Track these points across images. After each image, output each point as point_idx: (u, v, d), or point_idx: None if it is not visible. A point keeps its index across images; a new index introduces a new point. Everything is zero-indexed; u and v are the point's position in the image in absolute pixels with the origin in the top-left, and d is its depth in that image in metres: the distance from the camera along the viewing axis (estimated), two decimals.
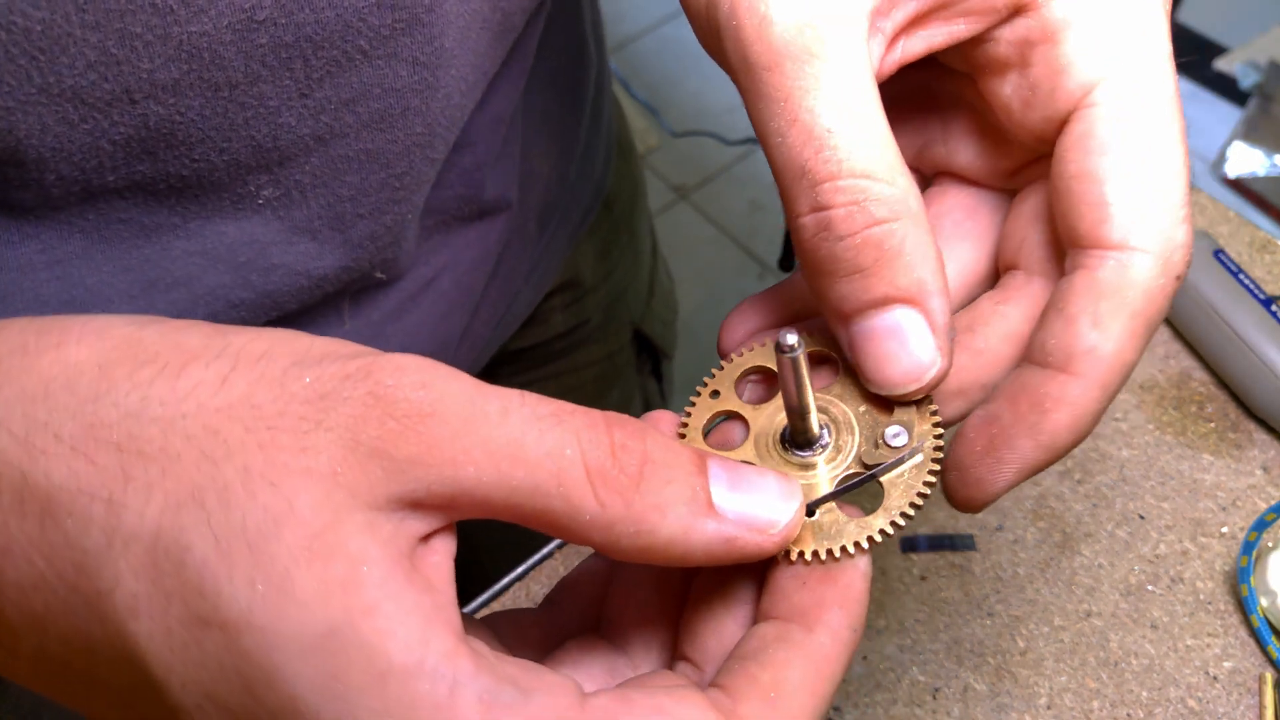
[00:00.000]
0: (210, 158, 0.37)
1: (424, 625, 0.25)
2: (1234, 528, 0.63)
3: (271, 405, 0.25)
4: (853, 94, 0.29)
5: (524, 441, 0.26)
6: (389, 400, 0.25)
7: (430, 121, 0.42)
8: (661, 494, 0.27)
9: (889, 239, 0.29)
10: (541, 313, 0.75)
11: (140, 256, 0.39)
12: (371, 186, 0.42)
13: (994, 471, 0.31)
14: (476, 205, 0.52)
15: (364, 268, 0.45)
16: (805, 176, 0.29)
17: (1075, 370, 0.30)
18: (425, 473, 0.25)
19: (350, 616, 0.24)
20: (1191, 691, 0.57)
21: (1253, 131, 2.09)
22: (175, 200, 0.38)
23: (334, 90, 0.38)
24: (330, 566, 0.24)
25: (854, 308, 0.31)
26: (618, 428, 0.28)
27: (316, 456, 0.25)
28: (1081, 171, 0.31)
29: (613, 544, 0.27)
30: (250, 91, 0.36)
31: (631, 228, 0.82)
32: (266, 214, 0.40)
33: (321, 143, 0.39)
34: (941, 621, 0.61)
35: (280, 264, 0.42)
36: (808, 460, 0.33)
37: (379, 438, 0.25)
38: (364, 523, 0.25)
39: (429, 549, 0.27)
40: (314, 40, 0.36)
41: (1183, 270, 0.31)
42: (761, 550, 0.29)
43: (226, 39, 0.34)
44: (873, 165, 0.29)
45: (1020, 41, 0.32)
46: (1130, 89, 0.31)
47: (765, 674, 0.28)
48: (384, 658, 0.24)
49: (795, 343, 0.30)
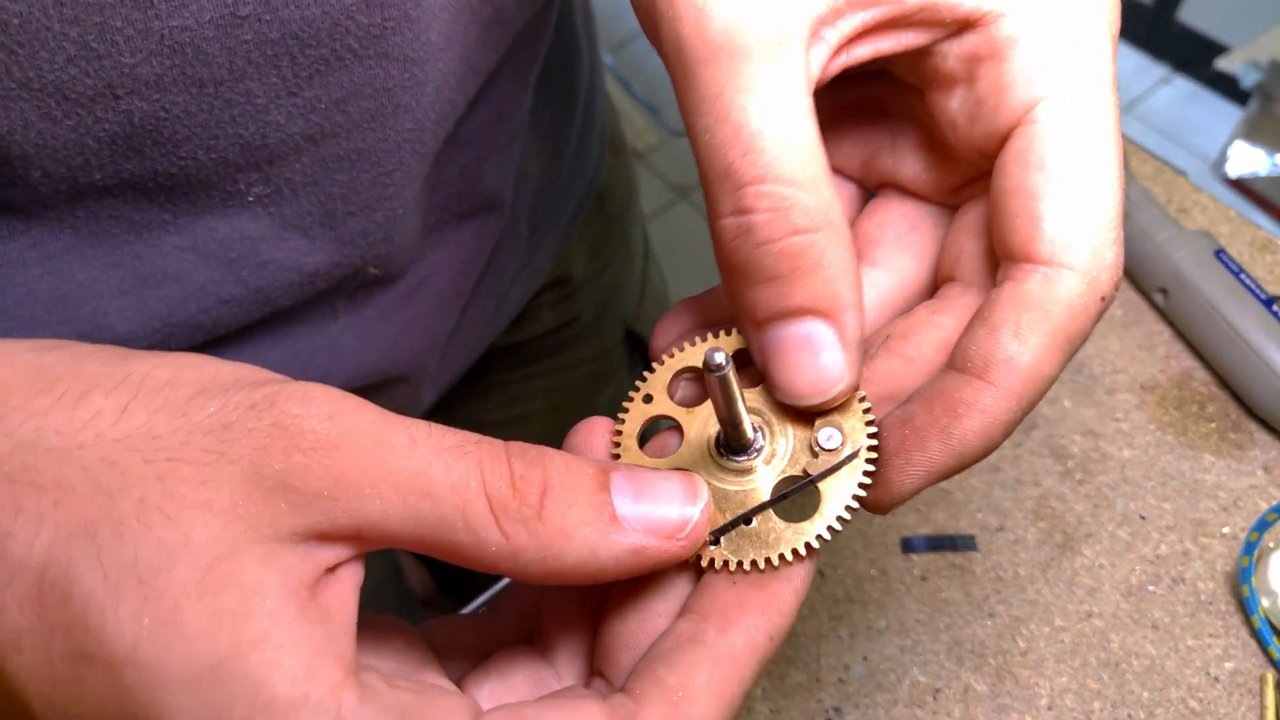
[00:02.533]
0: (198, 155, 0.36)
1: (312, 657, 0.24)
2: (1235, 528, 0.63)
3: (173, 436, 0.25)
4: (786, 100, 0.29)
5: (430, 474, 0.26)
6: (295, 431, 0.25)
7: (420, 117, 0.42)
8: (565, 518, 0.27)
9: (809, 249, 0.29)
10: (531, 309, 0.75)
11: (131, 253, 0.39)
12: (362, 184, 0.42)
13: (902, 473, 0.31)
14: (473, 202, 0.52)
15: (356, 263, 0.45)
16: (730, 177, 0.29)
17: (991, 378, 0.30)
18: (331, 506, 0.25)
19: (237, 648, 0.24)
20: (1193, 692, 0.57)
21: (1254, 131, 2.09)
22: (165, 197, 0.38)
23: (324, 89, 0.37)
24: (221, 598, 0.24)
25: (767, 315, 0.31)
26: (517, 458, 0.28)
27: (218, 489, 0.25)
28: (1018, 186, 0.31)
29: (522, 571, 0.27)
30: (236, 89, 0.35)
31: (624, 226, 0.82)
32: (257, 210, 0.40)
33: (312, 142, 0.39)
34: (942, 622, 0.60)
35: (272, 260, 0.42)
36: (744, 465, 0.32)
37: (284, 471, 0.25)
38: (262, 555, 0.25)
39: (334, 579, 0.27)
40: (300, 38, 0.35)
41: (1109, 292, 0.31)
42: (672, 555, 0.29)
43: (209, 34, 0.33)
44: (799, 173, 0.29)
45: (968, 57, 0.32)
46: (1071, 109, 0.31)
47: (672, 677, 0.28)
48: (268, 690, 0.24)
49: (723, 361, 0.29)
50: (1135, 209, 0.74)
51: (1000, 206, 0.32)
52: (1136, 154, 0.82)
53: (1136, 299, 0.74)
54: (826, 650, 0.60)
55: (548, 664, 0.33)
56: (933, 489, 0.66)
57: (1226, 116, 2.24)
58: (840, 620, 0.61)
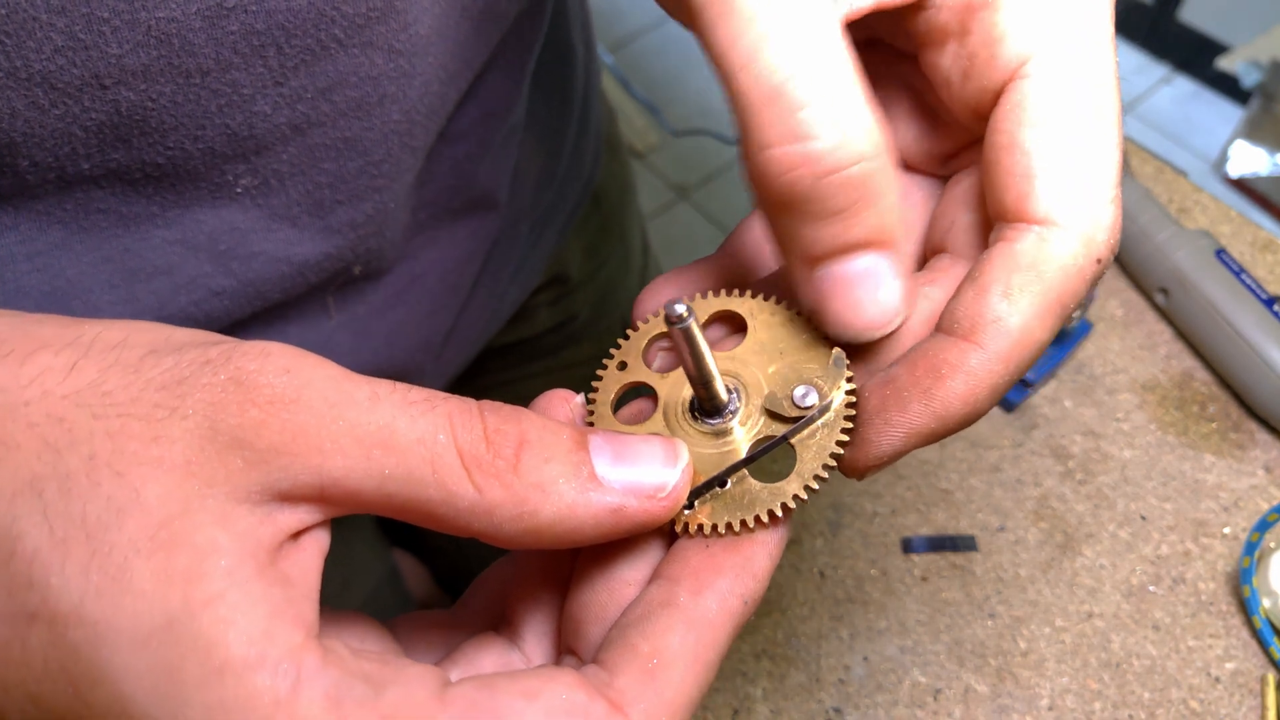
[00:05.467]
0: (185, 145, 0.36)
1: (269, 618, 0.24)
2: (1236, 528, 0.63)
3: (124, 392, 0.24)
4: (821, 24, 0.27)
5: (395, 428, 0.25)
6: (251, 386, 0.24)
7: (408, 109, 0.42)
8: (541, 473, 0.26)
9: (873, 178, 0.28)
10: (528, 308, 0.75)
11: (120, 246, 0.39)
12: (350, 173, 0.42)
13: (881, 433, 0.30)
14: (466, 198, 0.52)
15: (346, 256, 0.44)
16: (782, 98, 0.27)
17: (978, 340, 0.29)
18: (290, 462, 0.24)
19: (189, 607, 0.23)
20: (1193, 693, 0.57)
21: (1255, 130, 2.09)
22: (153, 189, 0.38)
23: (309, 79, 0.37)
24: (173, 556, 0.23)
25: (826, 250, 0.29)
26: (491, 412, 0.27)
27: (170, 445, 0.24)
28: (1010, 142, 0.30)
29: (495, 530, 0.26)
30: (223, 79, 0.35)
31: (621, 225, 0.82)
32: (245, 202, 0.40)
33: (298, 131, 0.39)
34: (943, 622, 0.60)
35: (261, 251, 0.42)
36: (720, 427, 0.32)
37: (239, 426, 0.24)
38: (217, 513, 0.24)
39: (297, 546, 0.26)
40: (286, 28, 0.35)
41: (1106, 254, 0.30)
42: (652, 516, 0.28)
43: (196, 25, 0.33)
44: (858, 97, 0.27)
45: (961, 7, 0.31)
46: (1067, 62, 0.30)
47: (645, 644, 0.27)
48: (222, 650, 0.23)
49: (684, 312, 0.28)
50: (1136, 209, 0.73)
51: (992, 164, 0.31)
52: (1137, 154, 0.82)
53: (1137, 299, 0.74)
54: (827, 651, 0.60)
55: (516, 648, 0.32)
56: (933, 489, 0.65)
57: (1227, 116, 2.24)
58: (841, 621, 0.61)
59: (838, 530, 0.64)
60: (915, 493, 0.66)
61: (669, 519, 0.29)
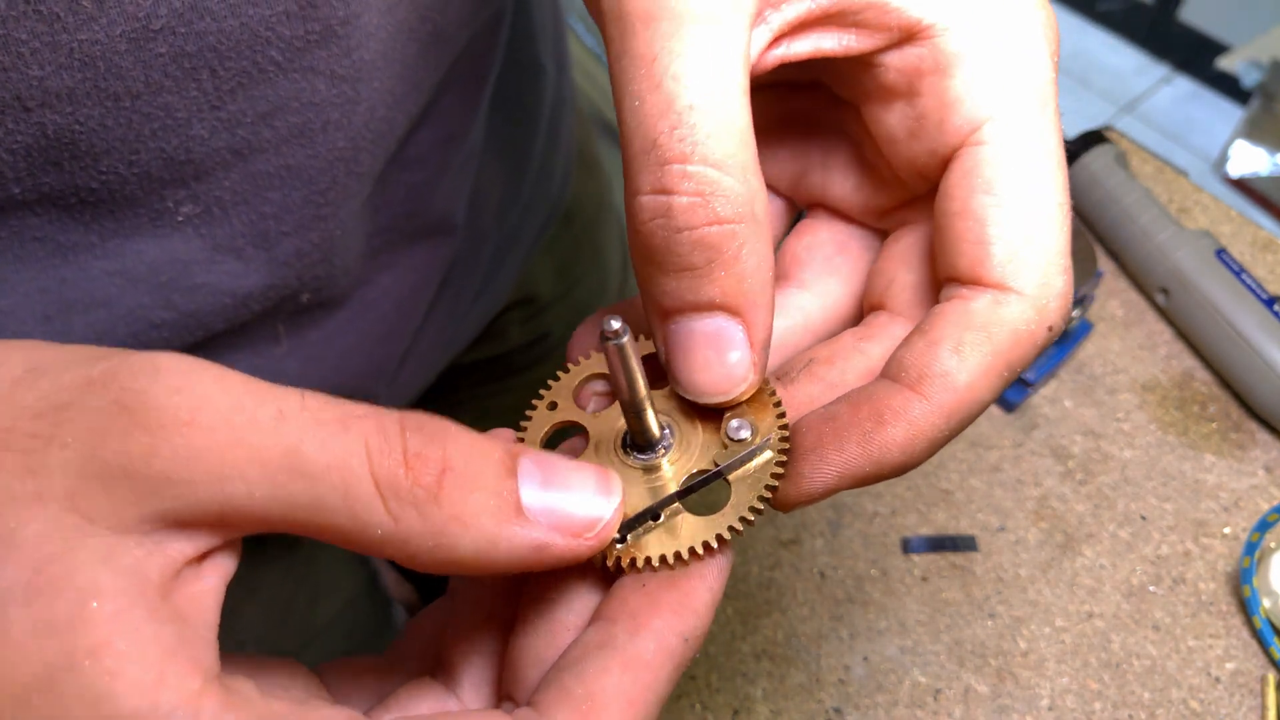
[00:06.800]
0: (119, 169, 0.35)
1: (162, 662, 0.22)
2: (1236, 529, 0.63)
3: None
4: (724, 75, 0.27)
5: (302, 451, 0.23)
6: (138, 409, 0.23)
7: (354, 135, 0.41)
8: (464, 504, 0.25)
9: (728, 241, 0.28)
10: (497, 327, 0.74)
11: (57, 277, 0.37)
12: (294, 203, 0.41)
13: (815, 469, 0.30)
14: (422, 222, 0.51)
15: (292, 285, 0.43)
16: (655, 151, 0.27)
17: (924, 391, 0.29)
18: (185, 490, 0.23)
19: (72, 658, 0.21)
20: (1194, 693, 0.57)
21: (1255, 130, 2.09)
22: (90, 217, 0.37)
23: (248, 102, 0.37)
24: (54, 603, 0.21)
25: (675, 306, 0.29)
26: (414, 432, 0.25)
27: (48, 478, 0.22)
28: (965, 209, 0.30)
29: (409, 559, 0.25)
30: (154, 102, 0.34)
31: (595, 244, 0.81)
32: (188, 232, 0.39)
33: (239, 156, 0.38)
34: (943, 623, 0.60)
35: (204, 283, 0.40)
36: (651, 463, 0.31)
37: (124, 453, 0.22)
38: (101, 550, 0.22)
39: (194, 575, 0.24)
40: (219, 50, 0.34)
41: (1057, 321, 0.30)
42: (576, 554, 0.27)
43: (121, 48, 0.32)
44: (729, 157, 0.27)
45: (910, 70, 0.31)
46: (1017, 131, 0.30)
47: (579, 686, 0.26)
48: (109, 704, 0.21)
49: (619, 328, 0.27)
50: (1136, 209, 0.73)
51: (946, 230, 0.31)
52: (1138, 154, 0.82)
53: (1138, 299, 0.74)
54: (827, 651, 0.60)
55: (453, 694, 0.31)
56: (933, 489, 0.65)
57: (1228, 116, 2.24)
58: (841, 621, 0.61)
59: (838, 530, 0.64)
60: (915, 493, 0.66)
61: (592, 555, 0.28)
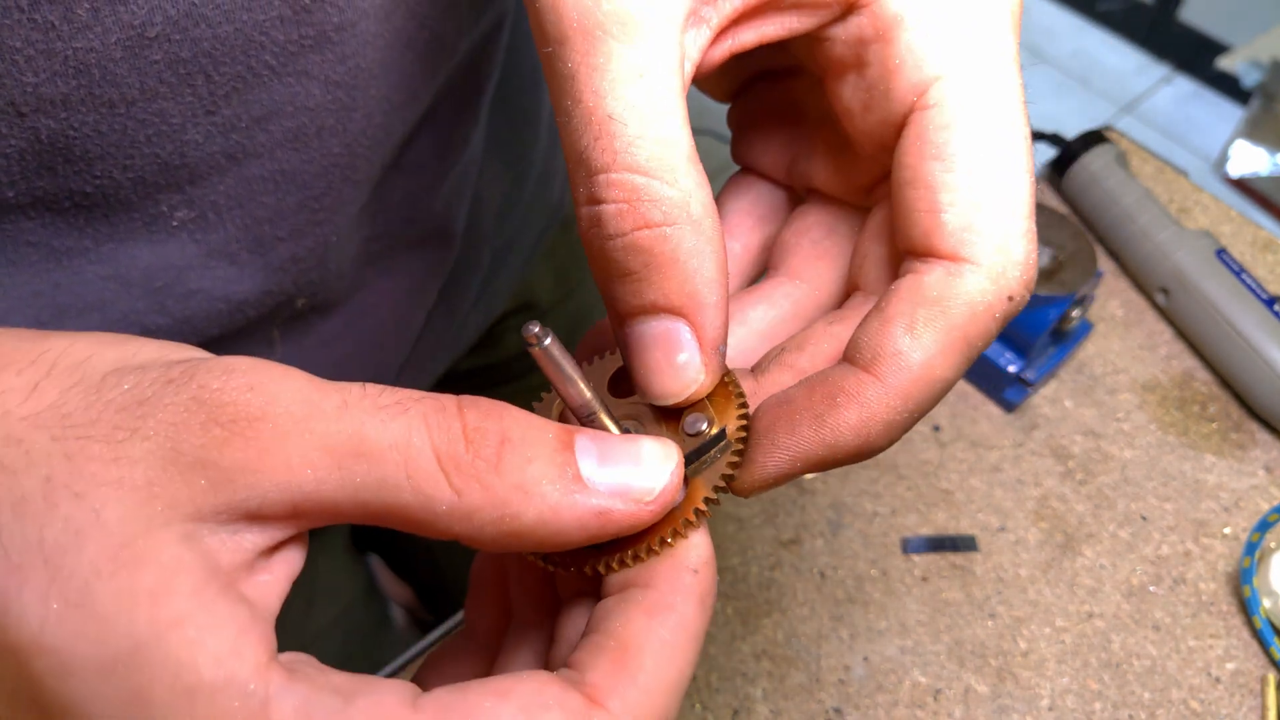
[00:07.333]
0: (113, 175, 0.36)
1: (237, 637, 0.23)
2: (1236, 529, 0.63)
3: (84, 413, 0.24)
4: (649, 82, 0.27)
5: (365, 434, 0.24)
6: (214, 405, 0.24)
7: (349, 142, 0.41)
8: (524, 474, 0.25)
9: (660, 244, 0.28)
10: (495, 333, 0.74)
11: (50, 282, 0.38)
12: (289, 208, 0.41)
13: (768, 454, 0.30)
14: (421, 229, 0.51)
15: (288, 291, 0.43)
16: (584, 164, 0.27)
17: (878, 372, 0.28)
18: (258, 481, 0.24)
19: (156, 629, 0.22)
20: (1194, 693, 0.57)
21: (1255, 130, 2.09)
22: (84, 222, 0.37)
23: (243, 107, 0.37)
24: (137, 577, 0.23)
25: (625, 310, 0.29)
26: (470, 409, 0.26)
27: (131, 467, 0.23)
28: (914, 177, 0.29)
29: (476, 533, 0.26)
30: (149, 108, 0.34)
31: None
32: (182, 237, 0.39)
33: (234, 161, 0.38)
34: (943, 623, 0.60)
35: (198, 289, 0.41)
36: None
37: (202, 446, 0.24)
38: (180, 534, 0.23)
39: (266, 567, 0.26)
40: (214, 56, 0.35)
41: (1019, 290, 0.29)
42: (638, 520, 0.27)
43: (117, 55, 0.32)
44: (654, 162, 0.27)
45: (855, 40, 0.30)
46: (968, 90, 0.29)
47: (610, 639, 0.27)
48: (192, 673, 0.22)
49: (539, 331, 0.28)
50: (1136, 209, 0.73)
51: (899, 200, 0.30)
52: (1138, 154, 0.82)
53: (1138, 299, 0.74)
54: (827, 651, 0.60)
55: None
56: (933, 489, 0.65)
57: (1228, 116, 2.24)
58: (841, 621, 0.61)
59: (838, 530, 0.64)
60: (915, 493, 0.66)
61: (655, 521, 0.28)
